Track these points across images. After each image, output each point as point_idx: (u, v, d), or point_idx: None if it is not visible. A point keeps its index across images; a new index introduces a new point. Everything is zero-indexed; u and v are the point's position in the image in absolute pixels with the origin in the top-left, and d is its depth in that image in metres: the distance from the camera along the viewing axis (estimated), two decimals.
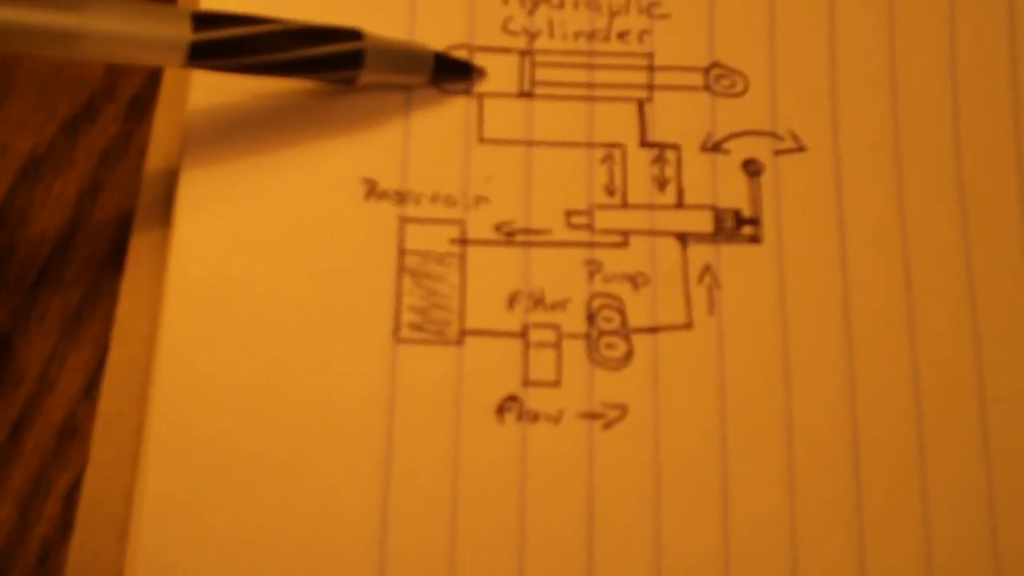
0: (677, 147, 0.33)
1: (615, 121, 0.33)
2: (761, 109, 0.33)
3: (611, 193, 0.32)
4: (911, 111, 0.33)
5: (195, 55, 0.30)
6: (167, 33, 0.30)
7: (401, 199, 0.32)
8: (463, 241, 0.32)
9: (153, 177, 0.33)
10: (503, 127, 0.33)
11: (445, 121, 0.33)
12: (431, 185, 0.32)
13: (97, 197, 0.34)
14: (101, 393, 0.31)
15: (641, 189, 0.32)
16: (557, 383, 0.31)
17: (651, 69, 0.34)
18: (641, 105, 0.33)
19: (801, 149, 0.33)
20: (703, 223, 0.32)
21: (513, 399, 0.30)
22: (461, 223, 0.32)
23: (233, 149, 0.32)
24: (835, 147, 0.33)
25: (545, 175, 0.32)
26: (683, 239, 0.32)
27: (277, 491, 0.29)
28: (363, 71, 0.32)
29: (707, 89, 0.33)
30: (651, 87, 0.33)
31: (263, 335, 0.30)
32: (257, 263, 0.31)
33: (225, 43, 0.30)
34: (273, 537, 0.29)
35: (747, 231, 0.32)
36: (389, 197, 0.32)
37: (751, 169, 0.33)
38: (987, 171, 0.33)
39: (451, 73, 0.33)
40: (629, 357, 0.31)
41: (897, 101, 0.33)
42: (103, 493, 0.30)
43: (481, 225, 0.32)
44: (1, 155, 0.34)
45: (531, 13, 0.34)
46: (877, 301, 0.31)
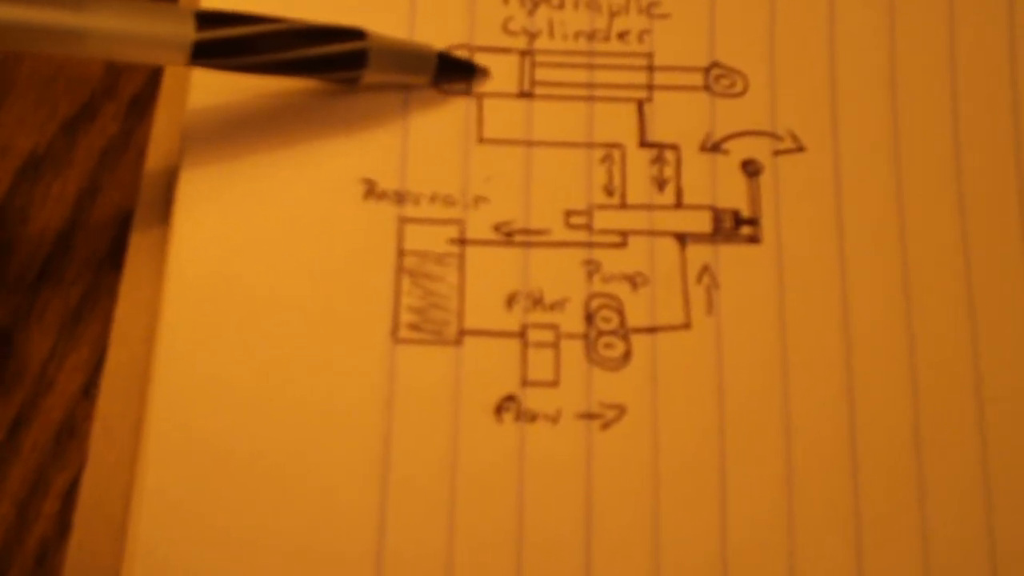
0: (676, 147, 0.33)
1: (614, 121, 0.33)
2: (760, 109, 0.33)
3: (610, 193, 0.32)
4: (911, 111, 0.33)
5: (198, 54, 0.30)
6: (170, 32, 0.30)
7: (400, 199, 0.32)
8: (462, 241, 0.32)
9: (153, 176, 0.33)
10: (502, 127, 0.33)
11: (444, 121, 0.33)
12: (430, 185, 0.32)
13: (97, 197, 0.34)
14: (100, 393, 0.31)
15: (640, 189, 0.32)
16: (555, 383, 0.30)
17: (651, 69, 0.33)
18: (640, 105, 0.33)
19: (800, 149, 0.33)
20: (702, 223, 0.32)
21: (511, 399, 0.30)
22: (460, 223, 0.32)
23: (232, 149, 0.32)
24: (834, 147, 0.33)
25: (544, 175, 0.32)
26: (682, 239, 0.32)
27: (275, 491, 0.29)
28: (366, 71, 0.32)
29: (707, 89, 0.33)
30: (651, 87, 0.33)
31: (261, 335, 0.30)
32: (256, 263, 0.31)
33: (228, 42, 0.30)
34: (271, 536, 0.29)
35: (746, 231, 0.32)
36: (388, 197, 0.32)
37: (750, 169, 0.33)
38: (986, 171, 0.33)
39: (454, 73, 0.33)
40: (627, 357, 0.31)
41: (896, 101, 0.33)
42: (101, 493, 0.30)
43: (480, 225, 0.32)
44: (1, 154, 0.34)
45: (531, 13, 0.34)
46: (876, 301, 0.31)
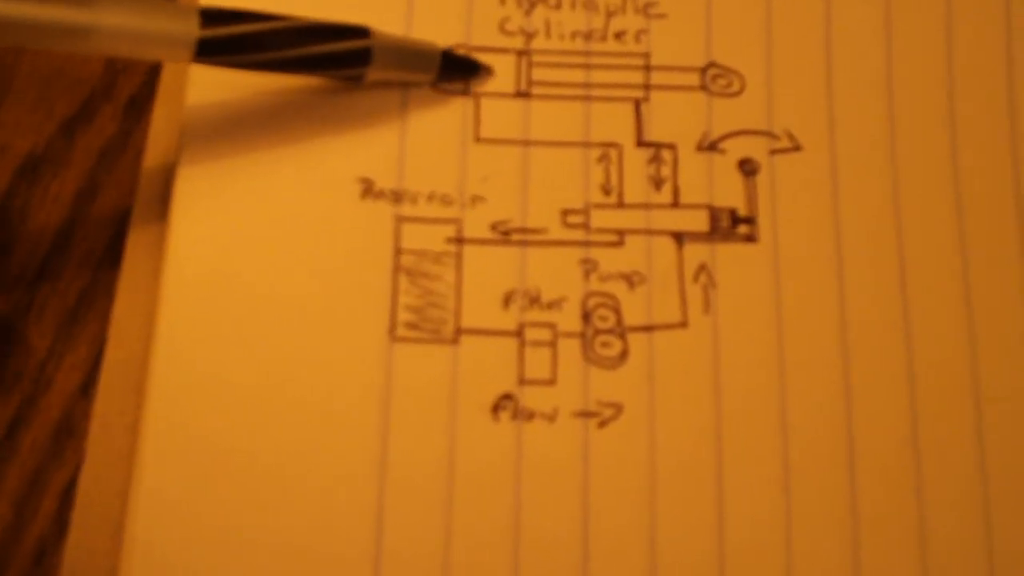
0: (673, 146, 0.33)
1: (611, 121, 0.33)
2: (757, 109, 0.33)
3: (607, 192, 0.32)
4: (907, 111, 0.33)
5: (202, 51, 0.30)
6: (175, 29, 0.30)
7: (397, 198, 0.32)
8: (459, 240, 0.32)
9: (150, 174, 0.33)
10: (500, 127, 0.33)
11: (442, 120, 0.33)
12: (427, 184, 0.32)
13: (95, 197, 0.34)
14: (97, 392, 0.31)
15: (637, 188, 0.32)
16: (552, 382, 0.31)
17: (647, 69, 0.34)
18: (637, 105, 0.33)
19: (797, 148, 0.33)
20: (699, 222, 0.32)
21: (508, 398, 0.30)
22: (457, 222, 0.32)
23: (230, 147, 0.32)
24: (831, 147, 0.33)
25: (541, 174, 0.32)
26: (679, 238, 0.32)
27: (272, 489, 0.29)
28: (371, 68, 0.32)
29: (703, 89, 0.33)
30: (647, 87, 0.33)
31: (259, 333, 0.30)
32: (253, 262, 0.31)
33: (233, 40, 0.30)
34: (268, 535, 0.29)
35: (743, 230, 0.32)
36: (385, 196, 0.32)
37: (747, 168, 0.33)
38: (983, 171, 0.33)
39: (458, 71, 0.33)
40: (624, 356, 0.31)
41: (893, 101, 0.33)
42: (99, 491, 0.30)
43: (477, 224, 0.32)
44: None
45: (528, 13, 0.34)
46: (873, 300, 0.31)
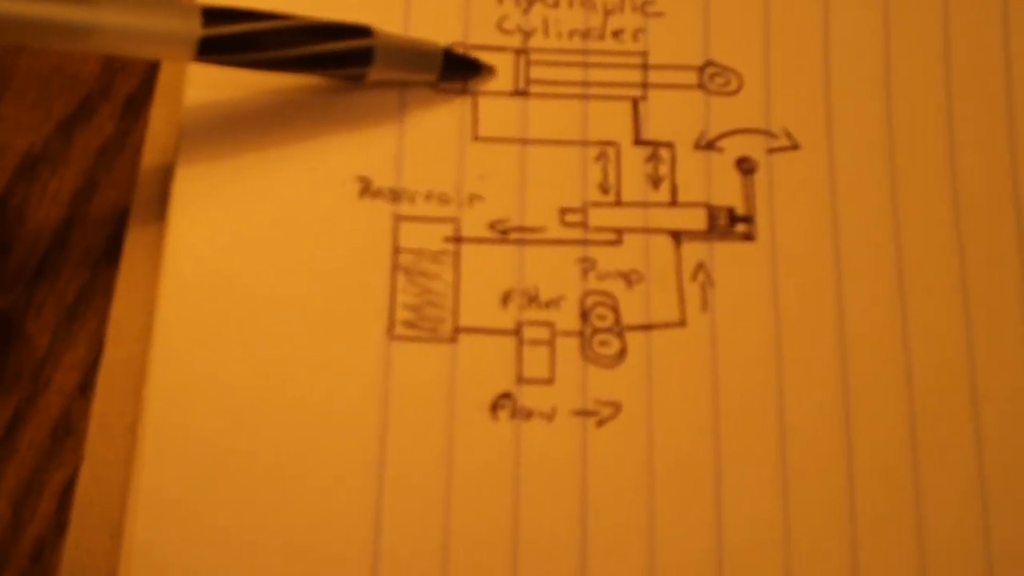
0: (671, 145, 0.33)
1: (609, 119, 0.33)
2: (755, 107, 0.33)
3: (605, 191, 0.32)
4: (905, 109, 0.33)
5: (204, 50, 0.30)
6: (176, 28, 0.30)
7: (395, 197, 0.32)
8: (457, 239, 0.32)
9: (148, 173, 0.33)
10: (498, 125, 0.33)
11: (440, 119, 0.33)
12: (425, 183, 0.32)
13: (93, 196, 0.34)
14: (96, 391, 0.31)
15: (635, 187, 0.32)
16: (550, 380, 0.31)
17: (645, 67, 0.34)
18: (635, 103, 0.33)
19: (795, 147, 0.33)
20: (697, 221, 0.32)
21: (507, 396, 0.30)
22: (455, 221, 0.32)
23: (228, 146, 0.32)
24: (829, 145, 0.33)
25: (539, 173, 0.32)
26: (677, 237, 0.32)
27: (271, 488, 0.29)
28: (372, 68, 0.32)
29: (701, 87, 0.33)
30: (645, 85, 0.33)
31: (257, 332, 0.30)
32: (251, 260, 0.31)
33: (234, 39, 0.30)
34: (267, 534, 0.29)
35: (741, 229, 0.32)
36: (383, 195, 0.32)
37: (745, 167, 0.33)
38: (981, 170, 0.33)
39: (459, 70, 0.33)
40: (622, 355, 0.31)
41: (891, 99, 0.33)
42: (98, 491, 0.30)
43: (475, 223, 0.32)
44: None
45: (526, 12, 0.34)
46: (870, 299, 0.31)
